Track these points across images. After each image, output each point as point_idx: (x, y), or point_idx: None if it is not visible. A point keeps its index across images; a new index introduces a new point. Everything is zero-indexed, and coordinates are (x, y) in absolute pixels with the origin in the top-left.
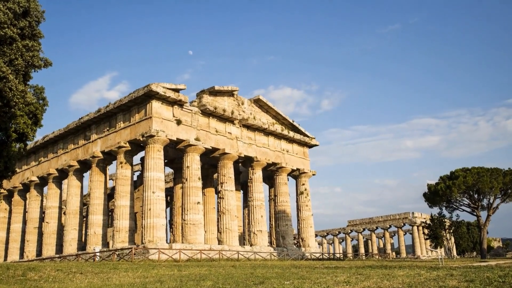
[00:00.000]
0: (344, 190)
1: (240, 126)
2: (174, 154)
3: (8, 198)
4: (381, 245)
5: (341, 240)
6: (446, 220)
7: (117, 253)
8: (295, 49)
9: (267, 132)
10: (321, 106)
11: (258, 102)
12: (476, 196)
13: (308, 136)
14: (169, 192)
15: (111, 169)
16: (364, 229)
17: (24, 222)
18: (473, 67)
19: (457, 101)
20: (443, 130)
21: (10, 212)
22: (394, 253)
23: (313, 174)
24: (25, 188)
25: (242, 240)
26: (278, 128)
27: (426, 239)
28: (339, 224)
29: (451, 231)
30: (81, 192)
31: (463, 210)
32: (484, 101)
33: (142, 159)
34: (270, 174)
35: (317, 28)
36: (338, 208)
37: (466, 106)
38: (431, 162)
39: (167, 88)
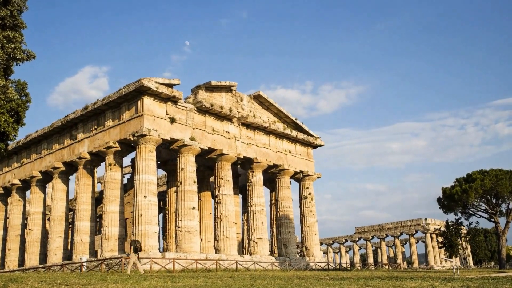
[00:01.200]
0: (335, 196)
1: (239, 125)
2: (168, 155)
3: None
4: (392, 254)
5: (348, 249)
6: (462, 227)
7: (105, 263)
8: (286, 45)
9: (268, 131)
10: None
11: (258, 99)
12: (494, 200)
13: (312, 136)
14: (162, 197)
15: (99, 171)
16: (373, 237)
17: (5, 229)
18: (455, 67)
19: (439, 103)
20: (429, 134)
21: None
22: (405, 263)
23: (318, 177)
24: (6, 192)
25: (241, 248)
26: (280, 126)
27: (440, 247)
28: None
29: (468, 239)
30: (67, 196)
31: (480, 216)
32: (468, 103)
33: (133, 160)
34: (271, 177)
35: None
36: (343, 214)
37: (449, 108)
38: (420, 167)
39: (160, 83)
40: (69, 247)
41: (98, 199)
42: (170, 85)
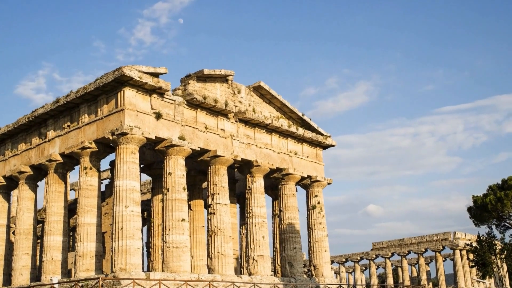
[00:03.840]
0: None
1: (236, 121)
2: (153, 157)
3: None
4: (415, 274)
5: (363, 268)
6: (496, 241)
7: (80, 284)
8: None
9: (270, 129)
10: None
11: (258, 90)
12: None
13: (322, 134)
14: (146, 206)
15: (73, 176)
16: (392, 254)
17: None
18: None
19: (385, 112)
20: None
21: None
22: (431, 285)
23: (329, 183)
24: None
25: (239, 267)
26: (284, 123)
27: (471, 266)
28: (361, 247)
29: (503, 256)
30: (35, 206)
31: None
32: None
33: (112, 163)
34: (274, 182)
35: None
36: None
37: (389, 118)
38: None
39: (144, 72)
40: (37, 266)
41: (71, 209)
42: (155, 74)
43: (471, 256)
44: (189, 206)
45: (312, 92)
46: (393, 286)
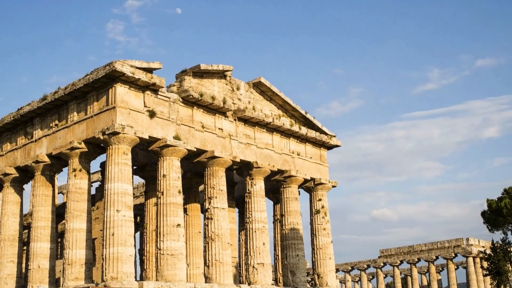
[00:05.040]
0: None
1: (235, 120)
2: (146, 158)
3: None
4: (425, 283)
5: (370, 277)
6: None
7: None
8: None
9: (271, 128)
10: None
11: (259, 87)
12: None
13: (326, 134)
14: (139, 211)
15: (61, 178)
16: (401, 262)
17: None
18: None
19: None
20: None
21: None
22: None
23: (334, 186)
24: None
25: (238, 276)
26: (286, 122)
27: (485, 275)
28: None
29: None
30: (21, 210)
31: None
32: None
33: (103, 165)
34: (275, 185)
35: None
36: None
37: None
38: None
39: (137, 68)
40: (23, 275)
41: (59, 214)
42: (149, 70)
43: (485, 264)
44: (185, 211)
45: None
46: None
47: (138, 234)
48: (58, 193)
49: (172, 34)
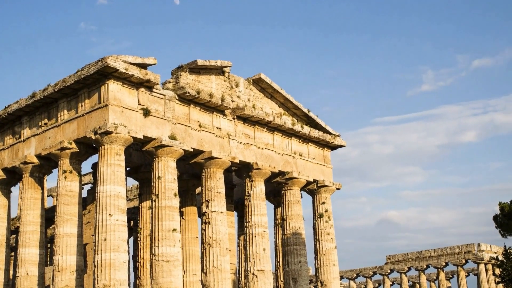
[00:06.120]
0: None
1: (234, 118)
2: (140, 159)
3: None
4: None
5: (377, 284)
6: None
7: None
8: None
9: (271, 127)
10: None
11: (259, 84)
12: None
13: (330, 133)
14: (133, 215)
15: (51, 180)
16: (409, 268)
17: None
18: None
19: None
20: None
21: None
22: None
23: (338, 188)
24: None
25: (237, 283)
26: (287, 121)
27: (497, 282)
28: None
29: None
30: (8, 214)
31: None
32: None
33: (95, 166)
34: (276, 188)
35: None
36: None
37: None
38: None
39: (130, 63)
40: (11, 282)
41: (49, 218)
42: (143, 66)
43: (497, 271)
44: (181, 214)
45: None
46: None
47: (131, 239)
48: (48, 196)
49: (168, 27)
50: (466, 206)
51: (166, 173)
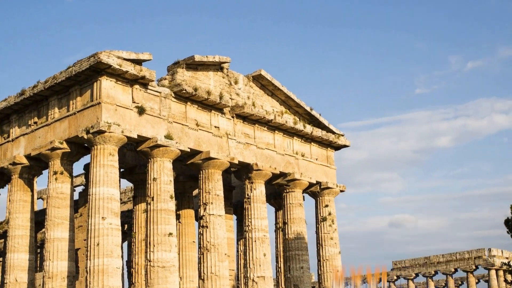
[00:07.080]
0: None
1: (233, 117)
2: (135, 159)
3: None
4: None
5: None
6: None
7: None
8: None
9: (272, 126)
10: None
11: (259, 80)
12: None
13: (333, 132)
14: (127, 218)
15: (41, 182)
16: (417, 275)
17: None
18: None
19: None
20: None
21: None
22: None
23: (342, 191)
24: None
25: None
26: (289, 119)
27: None
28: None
29: None
30: None
31: None
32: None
33: (87, 167)
34: (277, 190)
35: None
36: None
37: None
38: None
39: (124, 59)
40: None
41: (39, 222)
42: (138, 62)
43: (509, 277)
44: (178, 218)
45: None
46: None
47: (125, 244)
48: (38, 198)
49: (164, 21)
50: (458, 210)
51: (162, 175)
